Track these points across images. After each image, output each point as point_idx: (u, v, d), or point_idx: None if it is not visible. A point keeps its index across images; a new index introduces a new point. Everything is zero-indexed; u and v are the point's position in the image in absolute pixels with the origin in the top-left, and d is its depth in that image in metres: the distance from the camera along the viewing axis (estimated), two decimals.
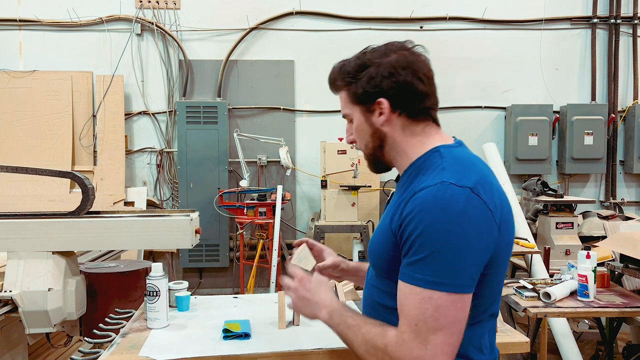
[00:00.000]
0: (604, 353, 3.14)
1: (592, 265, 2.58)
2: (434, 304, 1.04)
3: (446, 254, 1.04)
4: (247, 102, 5.33)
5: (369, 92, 1.21)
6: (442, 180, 1.07)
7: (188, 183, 5.16)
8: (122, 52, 5.20)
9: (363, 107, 1.24)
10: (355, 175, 4.51)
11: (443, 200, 1.05)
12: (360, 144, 1.29)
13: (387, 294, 1.21)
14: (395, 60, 1.19)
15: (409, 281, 1.07)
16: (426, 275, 1.05)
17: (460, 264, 1.04)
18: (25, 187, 4.95)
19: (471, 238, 1.05)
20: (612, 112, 5.37)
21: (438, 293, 1.04)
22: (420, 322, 1.05)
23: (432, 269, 1.04)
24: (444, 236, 1.03)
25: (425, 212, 1.05)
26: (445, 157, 1.15)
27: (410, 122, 1.22)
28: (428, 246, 1.04)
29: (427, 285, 1.05)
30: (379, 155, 1.27)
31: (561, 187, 5.45)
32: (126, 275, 3.04)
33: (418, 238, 1.06)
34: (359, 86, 1.22)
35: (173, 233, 2.60)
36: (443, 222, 1.03)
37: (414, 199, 1.09)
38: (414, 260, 1.07)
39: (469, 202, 1.05)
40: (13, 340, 2.79)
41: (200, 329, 1.81)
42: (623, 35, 5.45)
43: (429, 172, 1.14)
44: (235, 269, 5.26)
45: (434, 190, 1.07)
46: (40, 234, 2.56)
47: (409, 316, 1.07)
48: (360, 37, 5.25)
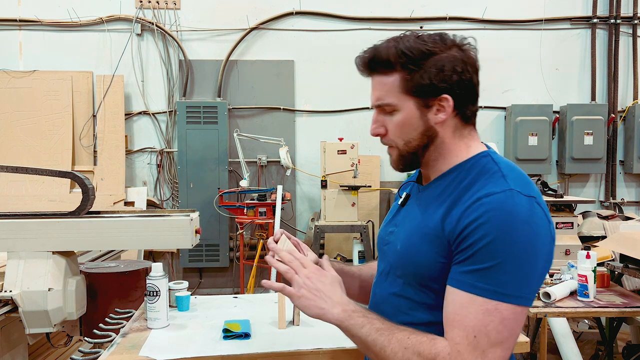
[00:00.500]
0: (604, 353, 3.15)
1: (592, 265, 2.58)
2: (499, 317, 0.97)
3: (515, 264, 0.98)
4: (247, 102, 5.33)
5: (436, 86, 1.07)
6: (509, 188, 1.01)
7: (188, 183, 5.16)
8: (122, 52, 5.20)
9: (420, 101, 1.09)
10: (355, 175, 4.51)
11: (513, 209, 0.99)
12: (398, 139, 1.14)
13: (420, 305, 1.12)
14: (462, 55, 1.08)
15: (470, 290, 0.99)
16: (492, 285, 0.98)
17: (527, 275, 0.99)
18: (25, 187, 4.95)
19: (538, 250, 1.00)
20: (612, 112, 5.37)
21: (505, 305, 0.97)
22: (480, 335, 0.97)
23: (499, 279, 0.98)
24: (514, 246, 0.98)
25: (496, 219, 0.98)
26: (499, 164, 1.09)
27: (461, 125, 1.13)
28: (497, 255, 0.98)
29: (494, 296, 0.97)
30: (420, 154, 1.14)
31: (561, 187, 5.45)
32: (126, 275, 3.04)
33: (486, 246, 0.98)
34: (424, 76, 1.07)
35: (173, 233, 2.60)
36: (514, 232, 0.98)
37: (480, 204, 1.01)
38: (478, 269, 0.99)
39: (534, 212, 1.01)
40: (13, 340, 2.79)
41: (200, 329, 1.82)
42: (623, 35, 5.45)
43: (487, 177, 1.06)
44: (235, 269, 5.26)
45: (503, 198, 1.00)
46: (40, 234, 2.56)
47: (467, 327, 0.98)
48: (360, 37, 5.25)
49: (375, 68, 1.12)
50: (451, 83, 1.07)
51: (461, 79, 1.08)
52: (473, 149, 1.14)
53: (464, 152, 1.14)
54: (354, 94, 5.23)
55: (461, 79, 1.08)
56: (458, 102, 1.09)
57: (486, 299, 0.98)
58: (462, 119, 1.13)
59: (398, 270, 1.16)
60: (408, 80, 1.08)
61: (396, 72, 1.09)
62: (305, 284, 1.14)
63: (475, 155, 1.13)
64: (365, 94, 4.86)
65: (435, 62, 1.07)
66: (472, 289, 0.99)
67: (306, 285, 1.14)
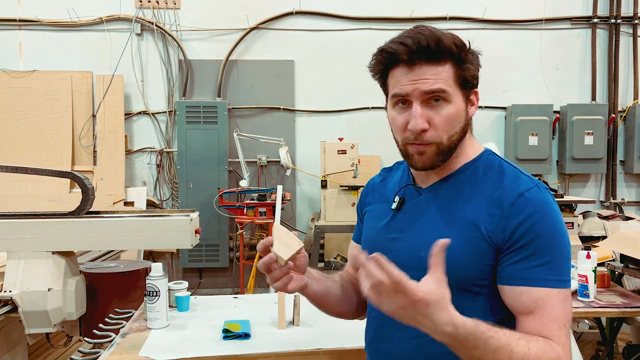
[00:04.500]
0: (604, 353, 3.14)
1: (592, 265, 2.58)
2: (569, 301, 1.07)
3: (567, 251, 1.07)
4: (247, 102, 5.33)
5: (477, 80, 1.10)
6: (537, 184, 1.10)
7: (188, 183, 5.16)
8: (122, 52, 5.19)
9: (465, 93, 1.09)
10: (355, 175, 4.51)
11: (550, 203, 1.08)
12: (443, 134, 1.07)
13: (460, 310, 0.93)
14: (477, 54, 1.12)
15: (545, 284, 1.04)
16: (559, 274, 1.05)
17: (569, 260, 1.09)
18: (25, 187, 4.95)
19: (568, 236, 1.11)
20: (612, 112, 5.37)
21: (567, 290, 1.07)
22: (566, 322, 1.05)
23: (562, 268, 1.06)
24: (563, 236, 1.07)
25: (545, 214, 1.06)
26: (503, 160, 1.17)
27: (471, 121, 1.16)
28: (556, 247, 1.05)
29: (562, 284, 1.06)
30: (455, 149, 1.11)
31: (561, 187, 5.44)
32: (126, 275, 3.04)
33: (547, 240, 1.05)
34: (469, 69, 1.08)
35: (173, 233, 2.60)
36: (560, 223, 1.07)
37: (525, 199, 1.05)
38: (544, 262, 1.04)
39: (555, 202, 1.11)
40: (13, 340, 2.79)
41: (200, 329, 1.81)
42: (623, 35, 5.45)
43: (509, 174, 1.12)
44: (235, 269, 5.25)
45: (539, 193, 1.08)
46: (40, 234, 2.56)
47: (557, 319, 1.04)
48: (360, 37, 5.24)
49: (433, 56, 1.05)
50: (477, 78, 1.11)
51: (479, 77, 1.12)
52: (477, 147, 1.18)
53: (472, 149, 1.16)
54: (354, 94, 5.23)
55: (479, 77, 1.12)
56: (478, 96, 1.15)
57: (559, 288, 1.05)
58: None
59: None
60: (458, 71, 1.07)
61: (447, 62, 1.06)
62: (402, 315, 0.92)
63: (482, 152, 1.17)
64: (365, 94, 4.93)
65: (473, 56, 1.09)
66: (546, 283, 1.04)
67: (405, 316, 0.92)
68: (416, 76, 1.06)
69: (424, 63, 1.05)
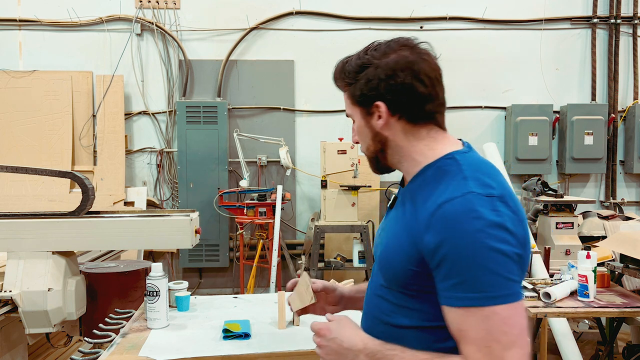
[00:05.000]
0: (604, 353, 3.14)
1: (592, 265, 2.58)
2: (499, 319, 0.97)
3: (492, 265, 0.97)
4: (247, 102, 5.33)
5: (367, 95, 1.15)
6: (469, 191, 1.01)
7: (188, 183, 5.16)
8: (122, 52, 5.20)
9: (363, 110, 1.18)
10: (355, 175, 4.51)
11: (473, 212, 0.99)
12: (362, 146, 1.25)
13: (400, 309, 1.12)
14: (395, 60, 1.12)
15: (462, 304, 0.99)
16: (479, 292, 0.98)
17: (507, 272, 0.99)
18: (25, 187, 4.95)
19: (509, 245, 0.99)
20: (612, 112, 5.37)
21: (499, 307, 0.97)
22: (492, 343, 0.97)
23: (482, 284, 0.98)
24: (484, 249, 0.97)
25: (457, 226, 0.99)
26: (463, 165, 1.09)
27: (411, 127, 1.15)
28: (470, 263, 0.98)
29: (485, 302, 0.97)
30: (381, 158, 1.22)
31: (561, 187, 5.44)
32: (126, 275, 3.04)
33: (458, 258, 0.99)
34: (357, 88, 1.17)
35: (173, 233, 2.60)
36: (478, 236, 0.97)
37: (442, 212, 1.01)
38: (458, 282, 0.99)
39: (498, 210, 1.00)
40: (13, 340, 2.79)
41: (200, 329, 1.81)
42: (623, 35, 5.45)
43: (449, 180, 1.06)
44: (235, 269, 5.25)
45: (462, 202, 1.00)
46: (40, 234, 2.56)
47: (475, 340, 0.98)
48: (360, 37, 5.24)
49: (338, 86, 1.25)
50: (380, 90, 1.13)
51: (389, 85, 1.12)
52: (438, 151, 1.14)
53: (427, 154, 1.15)
54: None
55: (389, 85, 1.12)
56: (392, 106, 1.14)
57: (480, 307, 0.98)
58: (409, 121, 1.15)
59: (380, 273, 1.18)
60: (350, 93, 1.20)
61: (345, 88, 1.22)
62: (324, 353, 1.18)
63: (440, 157, 1.13)
64: None
65: (367, 74, 1.15)
66: (462, 302, 0.99)
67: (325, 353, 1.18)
68: None
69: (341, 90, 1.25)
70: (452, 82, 6.44)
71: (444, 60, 1.22)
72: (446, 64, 1.24)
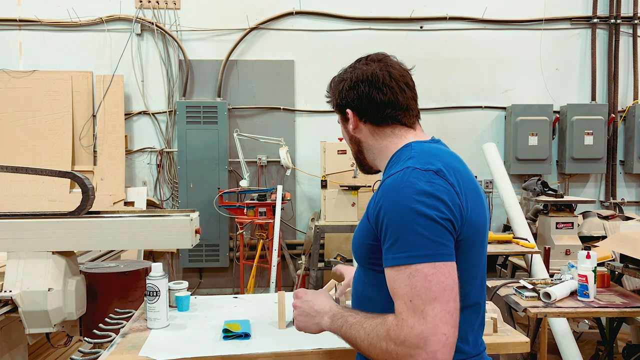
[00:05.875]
0: (604, 353, 3.14)
1: (592, 265, 2.58)
2: (421, 276, 1.06)
3: (418, 227, 1.07)
4: (247, 102, 5.33)
5: (340, 105, 1.36)
6: (407, 166, 1.15)
7: (188, 183, 5.16)
8: (122, 52, 5.20)
9: (341, 117, 1.39)
10: (355, 175, 4.51)
11: (407, 182, 1.11)
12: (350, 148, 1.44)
13: (369, 285, 1.26)
14: (358, 74, 1.30)
15: (393, 263, 1.10)
16: (405, 252, 1.08)
17: (434, 234, 1.08)
18: (25, 187, 4.95)
19: (437, 211, 1.09)
20: (612, 112, 5.37)
21: (422, 265, 1.07)
22: (414, 297, 1.06)
23: (409, 244, 1.08)
24: (413, 213, 1.08)
25: (391, 194, 1.12)
26: (414, 149, 1.23)
27: (376, 128, 1.32)
28: (400, 225, 1.09)
29: (410, 260, 1.07)
30: (361, 158, 1.41)
31: (561, 187, 5.45)
32: (126, 275, 3.04)
33: (390, 222, 1.10)
34: (333, 99, 1.38)
35: (173, 233, 2.60)
36: (404, 202, 1.09)
37: (382, 187, 1.16)
38: (391, 243, 1.10)
39: (432, 181, 1.11)
40: (13, 340, 2.79)
41: (200, 329, 1.81)
42: (623, 35, 5.45)
43: (400, 162, 1.21)
44: (235, 269, 5.26)
45: (400, 175, 1.13)
46: (40, 234, 2.56)
47: (401, 295, 1.08)
48: (360, 37, 5.24)
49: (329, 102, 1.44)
50: (348, 100, 1.33)
51: (355, 95, 1.31)
52: (401, 144, 1.30)
53: (391, 147, 1.31)
54: None
55: (355, 95, 1.31)
56: (359, 112, 1.32)
57: (406, 265, 1.08)
58: (373, 123, 1.32)
59: (354, 255, 1.33)
60: (332, 105, 1.40)
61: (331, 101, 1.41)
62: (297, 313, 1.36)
63: (400, 147, 1.29)
64: None
65: (338, 87, 1.35)
66: (393, 262, 1.10)
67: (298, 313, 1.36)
68: None
69: None
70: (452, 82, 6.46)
71: (444, 60, 1.25)
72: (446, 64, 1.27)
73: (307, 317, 1.33)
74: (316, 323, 1.31)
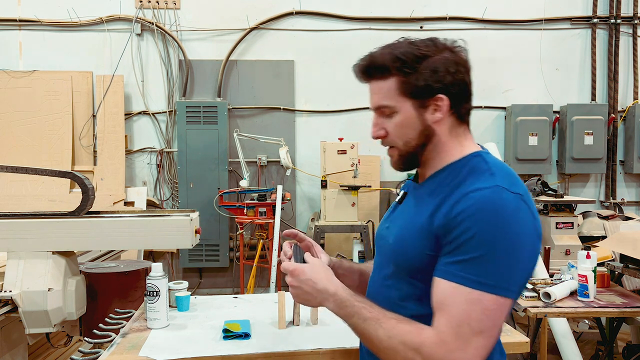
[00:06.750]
0: (604, 353, 3.14)
1: (592, 265, 2.58)
2: (482, 306, 1.00)
3: (499, 257, 1.01)
4: (247, 102, 5.33)
5: (431, 87, 1.13)
6: (495, 185, 1.05)
7: (188, 183, 5.16)
8: (122, 52, 5.20)
9: (417, 102, 1.14)
10: (355, 175, 4.51)
11: (498, 204, 1.03)
12: (398, 140, 1.19)
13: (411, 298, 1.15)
14: (454, 57, 1.15)
15: (456, 280, 1.02)
16: (477, 275, 1.01)
17: (511, 268, 1.02)
18: (25, 187, 4.95)
19: (522, 244, 1.03)
20: (612, 112, 5.37)
21: (488, 295, 1.00)
22: (464, 324, 1.00)
23: (483, 270, 1.01)
24: (499, 239, 1.01)
25: (482, 213, 1.02)
26: (489, 163, 1.14)
27: (457, 123, 1.18)
28: (482, 247, 1.01)
29: (478, 286, 1.00)
30: (419, 154, 1.19)
31: (561, 187, 5.44)
32: (126, 275, 3.04)
33: (472, 238, 1.01)
34: (419, 78, 1.12)
35: (173, 233, 2.60)
36: (498, 225, 1.01)
37: (467, 198, 1.05)
38: (463, 260, 1.02)
39: (520, 208, 1.04)
40: (13, 340, 2.79)
41: (200, 329, 1.81)
42: (623, 35, 5.45)
43: (477, 175, 1.10)
44: (235, 269, 5.26)
45: (489, 193, 1.04)
46: (40, 234, 2.56)
47: (452, 315, 1.02)
48: (360, 37, 5.25)
49: (372, 74, 1.18)
50: (445, 83, 1.13)
51: (455, 79, 1.14)
52: (466, 149, 1.19)
53: (458, 151, 1.18)
54: (354, 94, 5.23)
55: (455, 79, 1.14)
56: (453, 101, 1.15)
57: (471, 288, 1.01)
58: (458, 118, 1.18)
59: (390, 263, 1.21)
60: (404, 82, 1.14)
61: (392, 76, 1.15)
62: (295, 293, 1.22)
63: (468, 155, 1.17)
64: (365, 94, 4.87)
65: (429, 64, 1.12)
66: (457, 279, 1.02)
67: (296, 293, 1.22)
68: (370, 92, 1.22)
69: (371, 80, 1.20)
70: None
71: None
72: None
73: (307, 295, 1.20)
74: (318, 302, 1.20)
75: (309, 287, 1.19)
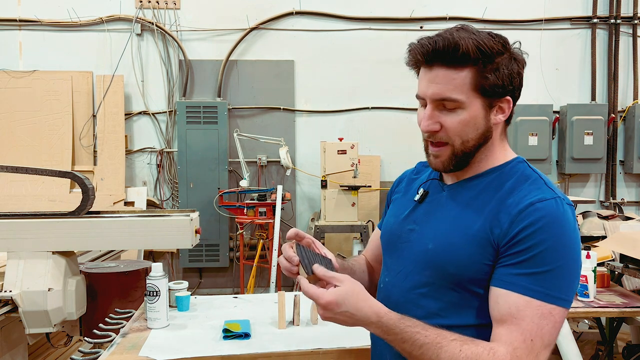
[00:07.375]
0: (604, 353, 3.14)
1: (592, 265, 2.58)
2: (553, 320, 1.00)
3: (568, 270, 1.01)
4: (247, 102, 5.33)
5: (505, 87, 1.06)
6: (556, 196, 1.04)
7: (188, 183, 5.16)
8: (122, 52, 5.20)
9: (487, 101, 1.07)
10: (355, 175, 4.51)
11: (564, 217, 1.03)
12: (456, 138, 1.09)
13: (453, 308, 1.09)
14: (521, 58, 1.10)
15: (527, 293, 1.00)
16: (548, 289, 1.00)
17: (575, 280, 1.03)
18: (25, 187, 4.95)
19: (579, 255, 1.05)
20: (612, 112, 5.37)
21: (558, 308, 1.00)
22: (537, 338, 0.99)
23: (555, 283, 1.00)
24: (568, 253, 1.01)
25: (551, 226, 1.01)
26: (534, 169, 1.13)
27: (505, 127, 1.14)
28: (554, 260, 1.00)
29: (550, 299, 1.00)
30: (473, 154, 1.11)
31: (561, 187, 5.45)
32: (126, 275, 3.04)
33: (544, 251, 1.00)
34: (498, 76, 1.05)
35: (173, 233, 2.60)
36: (567, 239, 1.02)
37: (534, 209, 1.02)
38: (533, 272, 1.00)
39: (574, 220, 1.05)
40: (13, 340, 2.79)
41: (200, 329, 1.81)
42: (623, 35, 5.45)
43: (530, 183, 1.08)
44: (235, 269, 5.25)
45: (554, 205, 1.03)
46: (40, 234, 2.56)
47: (525, 330, 0.99)
48: (360, 37, 5.24)
49: (449, 60, 1.04)
50: (514, 86, 1.08)
51: (520, 83, 1.10)
52: (509, 153, 1.16)
53: (502, 154, 1.14)
54: (354, 94, 5.23)
55: (520, 83, 1.10)
56: (514, 102, 1.11)
57: (542, 302, 0.99)
58: (507, 122, 1.13)
59: (427, 271, 1.12)
60: (481, 78, 1.05)
61: (468, 67, 1.04)
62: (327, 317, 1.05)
63: (512, 159, 1.14)
64: (365, 94, 4.95)
65: (504, 62, 1.06)
66: (528, 292, 1.00)
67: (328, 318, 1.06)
68: (432, 79, 1.07)
69: (440, 66, 1.05)
70: None
71: None
72: None
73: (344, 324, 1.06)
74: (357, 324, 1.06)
75: (346, 318, 1.04)
